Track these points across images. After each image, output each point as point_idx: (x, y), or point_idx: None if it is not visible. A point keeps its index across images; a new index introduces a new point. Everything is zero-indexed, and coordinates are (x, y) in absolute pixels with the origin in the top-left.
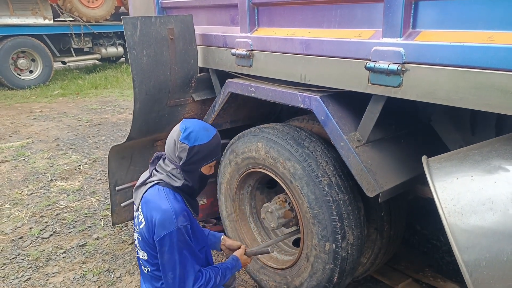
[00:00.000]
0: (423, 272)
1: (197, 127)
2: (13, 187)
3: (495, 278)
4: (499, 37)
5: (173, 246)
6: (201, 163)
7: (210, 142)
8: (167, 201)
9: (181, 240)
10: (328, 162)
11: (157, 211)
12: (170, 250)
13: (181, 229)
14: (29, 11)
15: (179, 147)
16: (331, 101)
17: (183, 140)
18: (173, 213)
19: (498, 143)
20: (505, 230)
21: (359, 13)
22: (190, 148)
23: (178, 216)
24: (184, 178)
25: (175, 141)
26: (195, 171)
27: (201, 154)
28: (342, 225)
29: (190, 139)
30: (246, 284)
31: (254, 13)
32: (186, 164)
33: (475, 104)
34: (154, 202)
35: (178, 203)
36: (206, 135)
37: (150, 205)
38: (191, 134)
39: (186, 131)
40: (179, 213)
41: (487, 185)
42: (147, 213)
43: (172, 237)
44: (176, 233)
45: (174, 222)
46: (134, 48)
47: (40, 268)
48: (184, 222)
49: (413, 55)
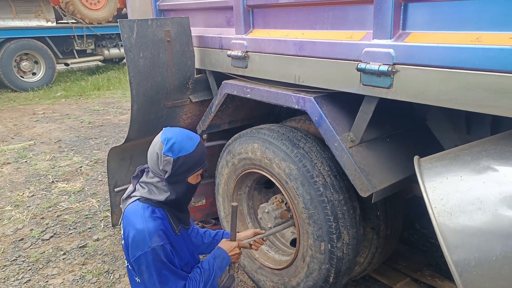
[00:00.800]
0: (421, 272)
1: (180, 137)
2: (14, 189)
3: (485, 278)
4: (487, 38)
5: (149, 266)
6: (187, 174)
7: (195, 151)
8: (142, 219)
9: (157, 260)
10: (323, 162)
11: (132, 229)
12: (148, 270)
13: (155, 249)
14: (32, 13)
15: (163, 160)
16: (325, 102)
17: (166, 153)
18: (146, 233)
19: (489, 143)
20: (494, 230)
21: (351, 14)
22: (174, 160)
23: (152, 237)
24: (170, 190)
25: (158, 154)
26: (182, 182)
27: (187, 165)
28: (337, 225)
29: (174, 150)
30: (245, 285)
31: (249, 15)
32: (172, 177)
33: (464, 105)
34: (131, 219)
35: (153, 222)
36: (190, 144)
37: (128, 222)
38: (174, 145)
39: (169, 143)
40: (153, 233)
41: (476, 185)
42: (125, 229)
43: (147, 257)
44: (151, 254)
45: (147, 242)
46: (131, 50)
47: (40, 269)
48: (159, 242)
49: (403, 56)
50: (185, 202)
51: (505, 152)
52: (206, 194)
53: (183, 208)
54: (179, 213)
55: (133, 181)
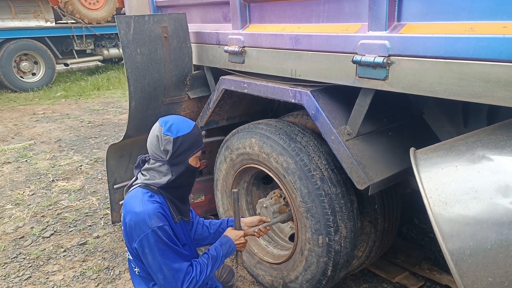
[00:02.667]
0: (420, 265)
1: (177, 120)
2: (15, 188)
3: (480, 266)
4: (480, 28)
5: (152, 247)
6: (187, 154)
7: (192, 132)
8: (141, 203)
9: (159, 241)
10: (320, 156)
11: (131, 214)
12: (151, 252)
13: (155, 230)
14: (31, 14)
15: (164, 140)
16: (321, 95)
17: (166, 133)
18: (146, 214)
19: (483, 133)
20: (488, 219)
21: (346, 7)
22: (174, 139)
23: (151, 218)
24: (171, 172)
25: (158, 136)
26: (183, 163)
27: (186, 145)
28: (335, 219)
29: (172, 131)
30: (244, 280)
31: (246, 9)
32: (173, 157)
33: (459, 95)
34: (129, 204)
35: (152, 204)
36: (186, 125)
37: (126, 208)
38: (172, 126)
39: (167, 124)
40: (151, 214)
41: (471, 174)
42: (124, 215)
43: (149, 238)
44: (152, 235)
45: (147, 224)
46: (128, 47)
47: (40, 266)
48: (159, 223)
49: (398, 48)
50: (186, 187)
51: (500, 142)
52: (205, 190)
53: (183, 196)
54: (179, 203)
55: (134, 171)
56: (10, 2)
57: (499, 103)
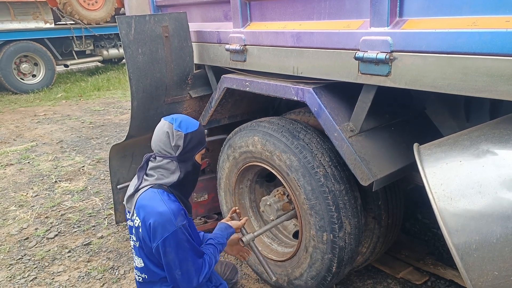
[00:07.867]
0: (424, 261)
1: (184, 117)
2: (18, 190)
3: (486, 260)
4: (483, 22)
5: (176, 245)
6: (194, 151)
7: (199, 129)
8: (163, 202)
9: (183, 239)
10: (323, 153)
11: (155, 214)
12: (175, 250)
13: (181, 228)
14: (30, 15)
15: (175, 135)
16: (324, 93)
17: (177, 128)
18: (171, 214)
19: (487, 128)
20: (493, 213)
21: (347, 3)
22: (185, 135)
23: (177, 217)
24: (180, 169)
25: (168, 132)
26: (190, 160)
27: (194, 141)
28: (339, 215)
29: (182, 127)
30: (248, 277)
31: (246, 8)
32: (183, 153)
33: (462, 90)
34: (150, 206)
35: (174, 203)
36: (193, 123)
37: (146, 210)
38: (182, 123)
39: (177, 121)
40: (177, 213)
41: (475, 169)
42: (145, 217)
43: (174, 237)
44: (178, 233)
45: (173, 223)
46: (130, 47)
47: (45, 267)
48: (183, 221)
49: (400, 44)
50: (191, 185)
51: (504, 136)
52: (208, 189)
53: (189, 193)
54: (185, 200)
55: (139, 173)
56: (9, 4)
57: (502, 97)
